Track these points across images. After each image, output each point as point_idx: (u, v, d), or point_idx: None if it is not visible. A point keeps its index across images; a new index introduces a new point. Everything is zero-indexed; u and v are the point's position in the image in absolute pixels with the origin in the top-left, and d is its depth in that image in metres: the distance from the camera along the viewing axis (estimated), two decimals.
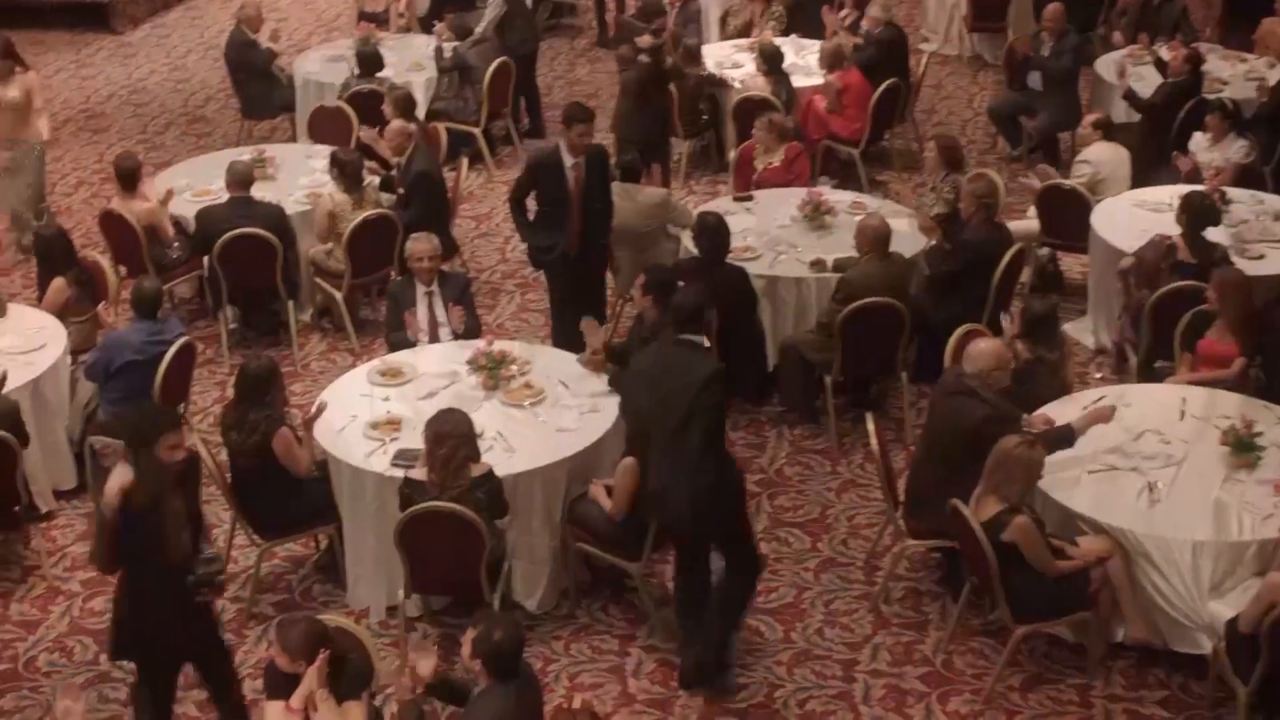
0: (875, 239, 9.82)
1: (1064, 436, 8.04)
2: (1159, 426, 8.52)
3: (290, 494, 8.37)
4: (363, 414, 8.66)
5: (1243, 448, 8.15)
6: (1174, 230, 10.32)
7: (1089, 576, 7.67)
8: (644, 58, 12.56)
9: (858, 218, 10.80)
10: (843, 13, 15.14)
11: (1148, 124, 12.88)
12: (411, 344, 9.50)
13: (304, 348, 11.26)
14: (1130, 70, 13.52)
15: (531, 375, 8.97)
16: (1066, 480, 8.05)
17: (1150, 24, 14.74)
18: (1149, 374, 9.93)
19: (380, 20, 15.63)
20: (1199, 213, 10.12)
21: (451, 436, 7.65)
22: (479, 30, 14.42)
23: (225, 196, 11.08)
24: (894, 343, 9.85)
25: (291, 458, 8.29)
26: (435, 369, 9.10)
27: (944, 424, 8.21)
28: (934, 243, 10.46)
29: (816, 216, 10.88)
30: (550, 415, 8.61)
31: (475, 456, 7.73)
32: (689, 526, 7.79)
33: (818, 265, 10.21)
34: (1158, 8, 15.02)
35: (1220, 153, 11.88)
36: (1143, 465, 8.16)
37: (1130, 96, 13.04)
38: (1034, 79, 14.03)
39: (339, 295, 11.11)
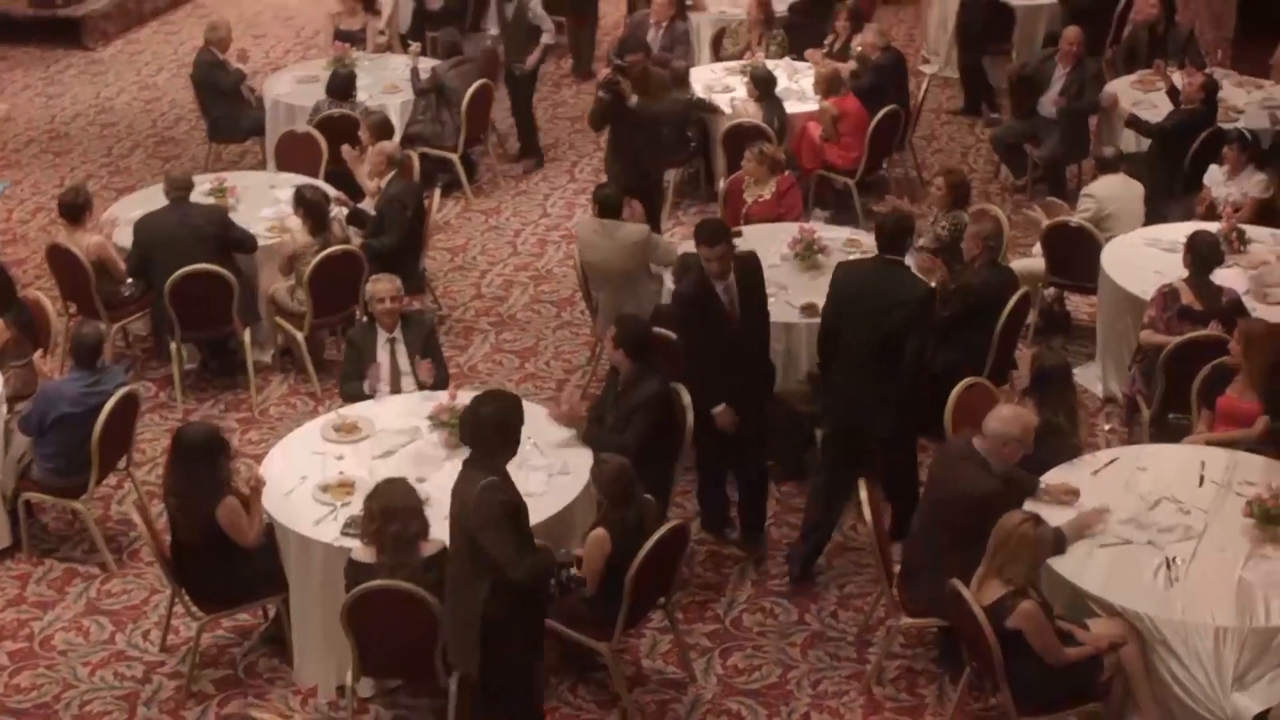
0: None
1: (1057, 542, 7.32)
2: (1176, 494, 7.84)
3: (234, 565, 7.69)
4: (313, 475, 7.99)
5: (1269, 519, 7.46)
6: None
7: (1100, 663, 7.01)
8: (601, 93, 11.79)
9: (852, 256, 10.18)
10: (829, 37, 14.49)
11: (1157, 153, 12.22)
12: (368, 396, 8.83)
13: (263, 391, 10.59)
14: (1132, 98, 12.90)
15: None
16: (1076, 555, 7.37)
17: (1159, 50, 14.04)
18: (1162, 428, 9.30)
19: (357, 39, 14.98)
20: (1202, 254, 9.46)
21: (401, 512, 6.98)
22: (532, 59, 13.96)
23: None
24: None
25: (237, 529, 7.61)
26: (395, 424, 8.43)
27: (947, 493, 7.54)
28: (933, 284, 9.77)
29: (809, 255, 10.21)
30: (517, 477, 7.83)
31: (425, 531, 7.07)
32: (882, 434, 8.41)
33: (809, 310, 9.54)
34: (1162, 34, 14.33)
35: (1237, 186, 11.24)
36: (1159, 539, 7.48)
37: (1135, 123, 12.41)
38: (1042, 105, 13.34)
39: (300, 336, 10.44)
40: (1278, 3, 15.57)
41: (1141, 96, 13.15)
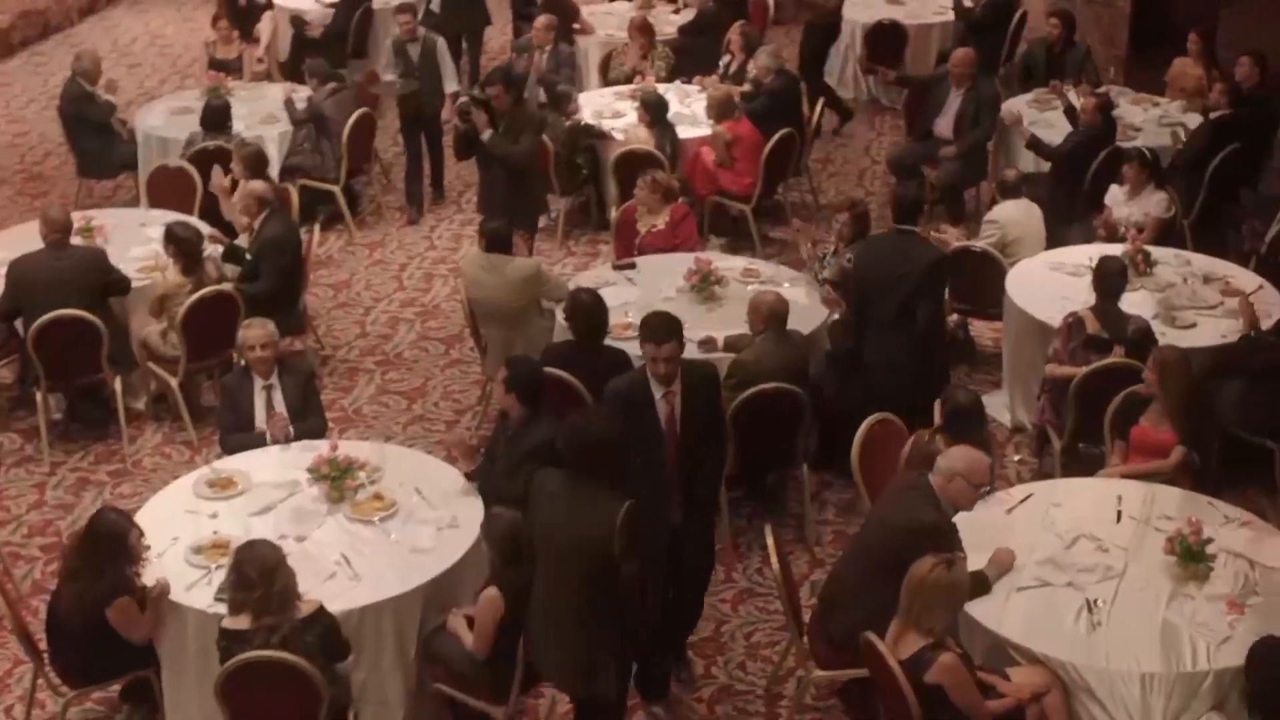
0: (771, 315, 8.79)
1: (978, 585, 6.98)
2: (1094, 531, 7.51)
3: (109, 646, 7.11)
4: (186, 535, 7.47)
5: (1191, 557, 7.16)
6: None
7: (1023, 715, 6.65)
8: (456, 122, 11.45)
9: (750, 288, 9.84)
10: (724, 58, 14.18)
11: (1057, 175, 11.99)
12: (255, 444, 8.31)
13: (136, 441, 10.04)
14: (1029, 117, 12.65)
15: (382, 483, 7.82)
16: (994, 600, 7.02)
17: (1056, 68, 13.85)
18: (1074, 459, 9.02)
19: (232, 68, 14.47)
20: (1107, 281, 9.17)
21: (279, 567, 6.53)
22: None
23: None
24: (793, 432, 8.82)
25: (127, 628, 7.04)
26: (272, 478, 7.92)
27: (888, 519, 7.13)
28: (836, 316, 9.46)
29: (705, 287, 9.82)
30: (403, 533, 7.46)
31: (297, 589, 6.62)
32: (906, 399, 8.59)
33: (707, 344, 9.14)
34: (1060, 53, 14.13)
35: (1139, 206, 11.00)
36: (1079, 579, 7.15)
37: (1035, 145, 12.14)
38: (939, 125, 13.06)
39: (174, 382, 9.91)
40: (1168, 19, 15.49)
41: (1038, 115, 12.93)
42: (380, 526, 7.51)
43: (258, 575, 6.49)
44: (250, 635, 6.50)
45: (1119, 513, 7.68)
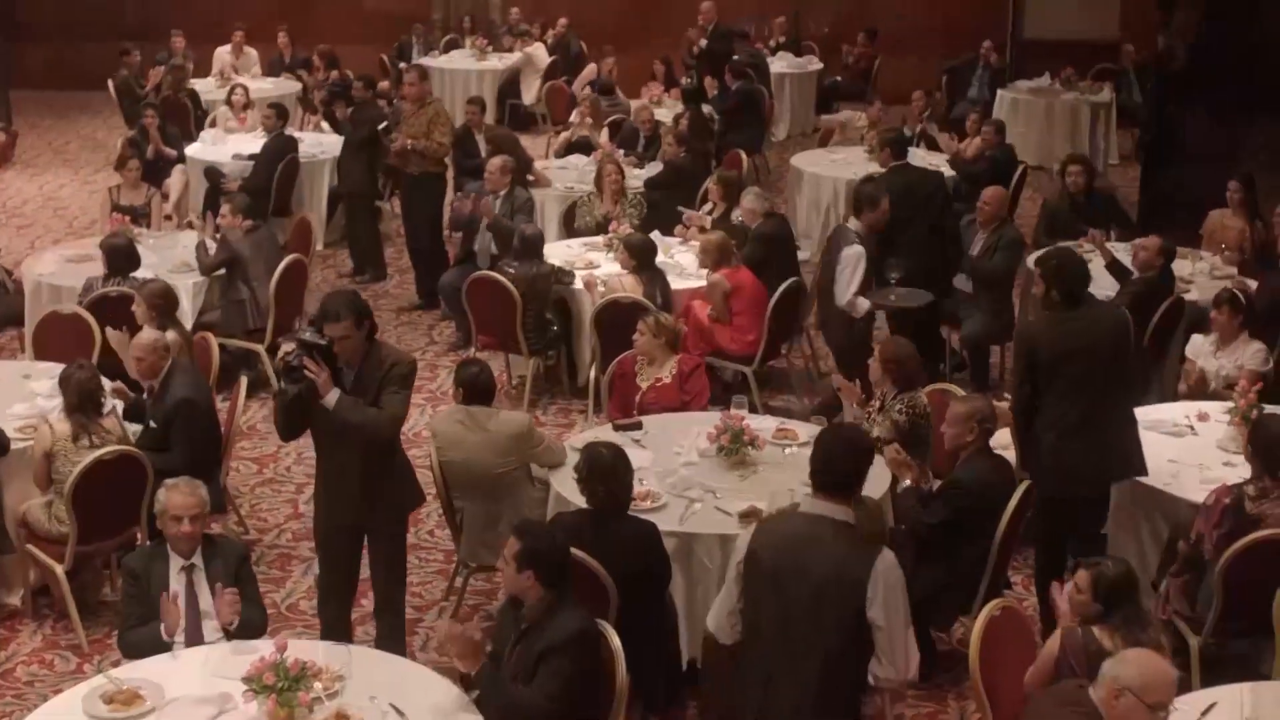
0: None
1: None
2: None
3: None
4: None
5: None
6: (1207, 455, 8.08)
7: None
8: (284, 385, 6.73)
9: (788, 451, 7.97)
10: (705, 206, 12.55)
11: None
12: (164, 647, 6.22)
13: (8, 645, 7.90)
14: None
15: (346, 696, 5.76)
16: None
17: (1084, 218, 12.29)
18: (1218, 659, 7.13)
19: (139, 214, 12.58)
20: (1271, 448, 7.34)
21: None
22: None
23: None
24: None
25: None
26: (194, 690, 5.82)
27: None
28: (908, 484, 7.57)
29: (735, 450, 7.91)
30: None
31: None
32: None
33: (750, 517, 7.23)
34: (1084, 201, 12.59)
35: (1230, 358, 9.36)
36: None
37: None
38: (958, 279, 11.44)
39: (59, 569, 7.80)
40: (1177, 176, 14.20)
41: None
42: None
43: None
44: None
45: None
